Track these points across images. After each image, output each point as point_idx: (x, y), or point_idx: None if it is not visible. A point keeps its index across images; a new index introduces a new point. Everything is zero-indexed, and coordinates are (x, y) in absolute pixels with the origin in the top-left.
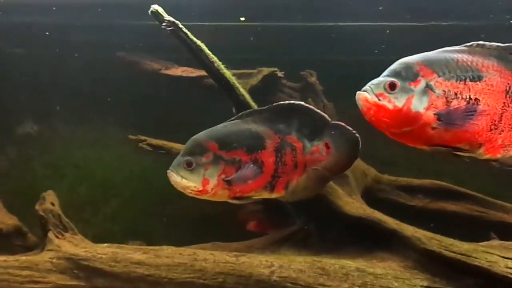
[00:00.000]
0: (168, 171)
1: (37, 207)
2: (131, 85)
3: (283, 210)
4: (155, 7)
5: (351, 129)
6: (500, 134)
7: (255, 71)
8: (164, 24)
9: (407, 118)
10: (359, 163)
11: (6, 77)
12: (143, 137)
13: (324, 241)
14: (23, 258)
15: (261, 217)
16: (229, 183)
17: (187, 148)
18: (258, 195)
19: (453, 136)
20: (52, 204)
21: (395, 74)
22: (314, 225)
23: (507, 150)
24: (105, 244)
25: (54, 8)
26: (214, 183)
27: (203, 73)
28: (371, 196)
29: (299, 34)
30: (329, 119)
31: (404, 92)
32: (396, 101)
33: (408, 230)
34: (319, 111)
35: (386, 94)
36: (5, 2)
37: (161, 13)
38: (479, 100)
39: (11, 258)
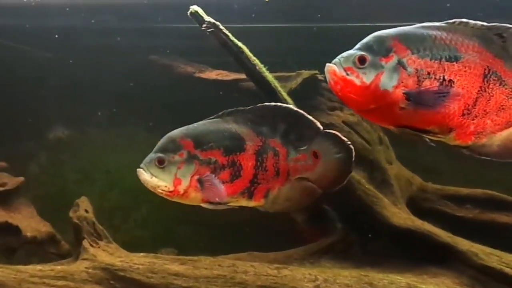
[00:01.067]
0: (138, 168)
1: (71, 214)
2: (163, 89)
3: (326, 217)
4: (194, 7)
5: (345, 139)
6: (473, 120)
7: (294, 73)
8: (204, 25)
9: (374, 95)
10: (403, 170)
11: (36, 82)
12: None
13: (367, 253)
14: (58, 267)
15: (312, 225)
16: (202, 185)
17: (160, 144)
18: (235, 202)
19: (422, 118)
20: (86, 211)
21: (367, 47)
22: (356, 236)
23: (479, 137)
24: (141, 254)
25: (82, 11)
26: (186, 184)
27: (239, 76)
28: (416, 206)
29: (340, 35)
30: (321, 126)
31: (374, 68)
32: (364, 77)
33: (463, 244)
34: (309, 116)
35: (355, 69)
36: (33, 5)
37: (201, 14)
38: (453, 82)
39: (46, 267)
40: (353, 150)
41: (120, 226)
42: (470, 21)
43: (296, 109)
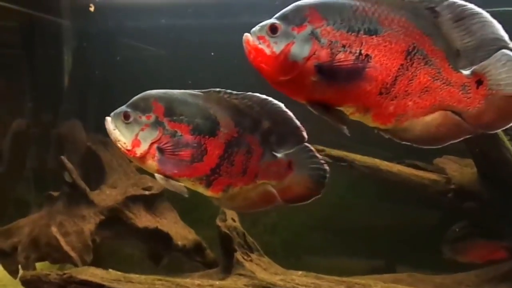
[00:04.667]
0: (107, 117)
1: (218, 223)
2: None
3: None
4: None
5: (323, 161)
6: (392, 100)
7: None
8: None
9: (283, 66)
10: None
11: (165, 81)
12: (320, 147)
13: None
14: (217, 283)
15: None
16: (160, 155)
17: (133, 99)
18: (191, 185)
19: (335, 94)
20: (233, 219)
21: (283, 16)
22: None
23: (399, 120)
24: (300, 272)
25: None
26: (144, 149)
27: None
28: None
29: None
30: (306, 136)
31: (285, 37)
32: (274, 47)
33: None
34: (297, 121)
35: (267, 38)
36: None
37: None
38: (370, 56)
39: (205, 282)
40: (327, 173)
41: (249, 230)
42: None
43: (284, 109)
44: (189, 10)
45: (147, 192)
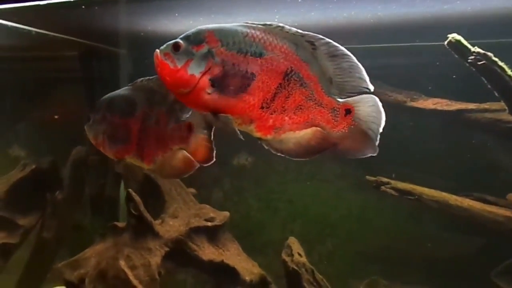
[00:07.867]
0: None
1: (285, 257)
2: None
3: None
4: (455, 36)
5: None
6: (271, 114)
7: None
8: (471, 58)
9: (182, 79)
10: None
11: None
12: (385, 179)
13: None
14: None
15: None
16: (109, 142)
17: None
18: (136, 162)
19: (225, 106)
20: (299, 254)
21: (185, 37)
22: None
23: (277, 132)
24: None
25: None
26: (100, 140)
27: (464, 106)
28: None
29: None
30: None
31: (186, 55)
32: (177, 62)
33: None
34: None
35: (171, 54)
36: None
37: (465, 44)
38: (255, 75)
39: None
40: (213, 128)
41: None
42: (286, 26)
43: None
44: None
45: (209, 224)
